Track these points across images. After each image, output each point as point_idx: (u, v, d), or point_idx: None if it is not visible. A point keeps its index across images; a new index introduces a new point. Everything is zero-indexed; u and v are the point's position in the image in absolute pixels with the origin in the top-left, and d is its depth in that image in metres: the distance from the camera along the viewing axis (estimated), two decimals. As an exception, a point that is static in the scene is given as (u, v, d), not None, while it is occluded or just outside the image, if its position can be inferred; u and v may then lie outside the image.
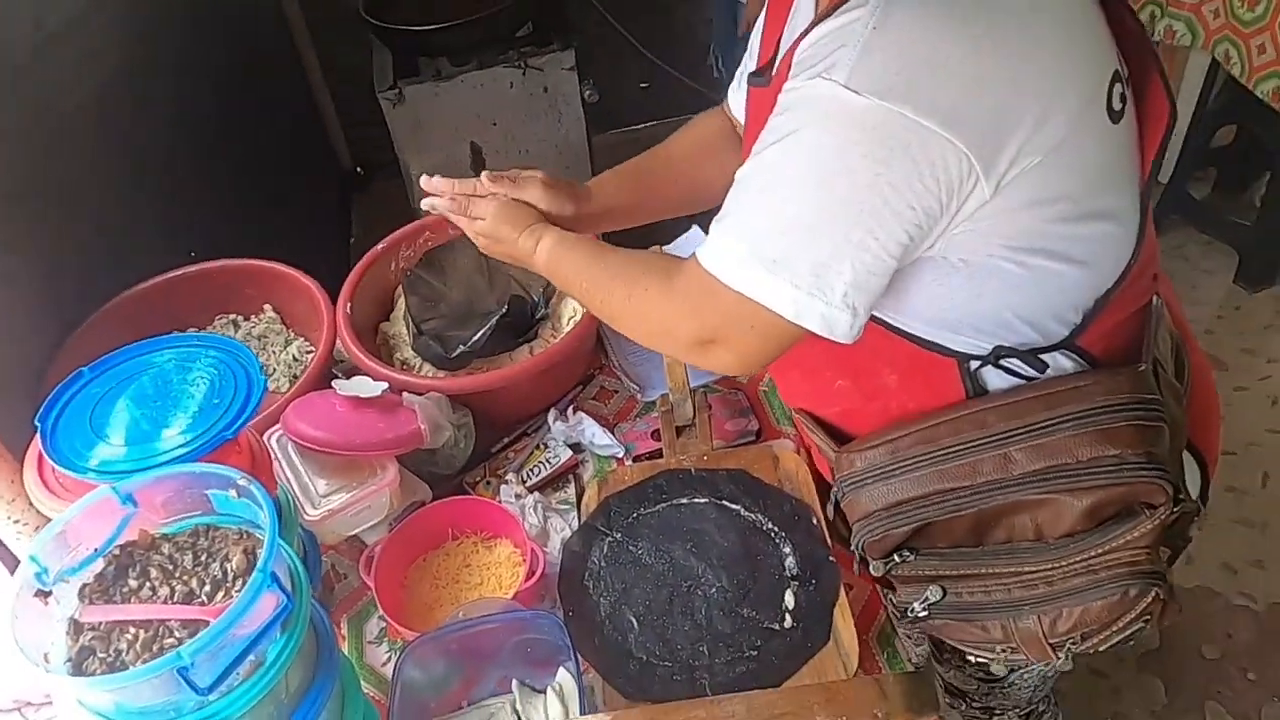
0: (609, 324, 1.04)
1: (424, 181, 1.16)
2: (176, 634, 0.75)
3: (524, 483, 1.28)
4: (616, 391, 1.43)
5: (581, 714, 0.99)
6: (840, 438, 1.02)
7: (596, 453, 1.32)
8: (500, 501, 1.24)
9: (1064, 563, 0.89)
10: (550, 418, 1.35)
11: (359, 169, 3.41)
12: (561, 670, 1.05)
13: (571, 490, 1.29)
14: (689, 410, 1.24)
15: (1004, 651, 0.97)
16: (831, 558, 1.09)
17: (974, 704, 1.41)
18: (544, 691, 1.05)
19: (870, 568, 0.98)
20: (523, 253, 1.08)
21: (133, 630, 0.76)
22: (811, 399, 1.07)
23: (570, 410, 1.36)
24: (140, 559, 0.81)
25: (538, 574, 1.11)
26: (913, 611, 0.98)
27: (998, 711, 1.40)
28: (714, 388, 1.39)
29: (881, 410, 0.97)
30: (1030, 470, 0.87)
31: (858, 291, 0.79)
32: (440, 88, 2.25)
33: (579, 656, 1.03)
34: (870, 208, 0.76)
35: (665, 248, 1.61)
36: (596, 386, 1.44)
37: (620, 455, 1.31)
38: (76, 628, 0.76)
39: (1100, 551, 0.88)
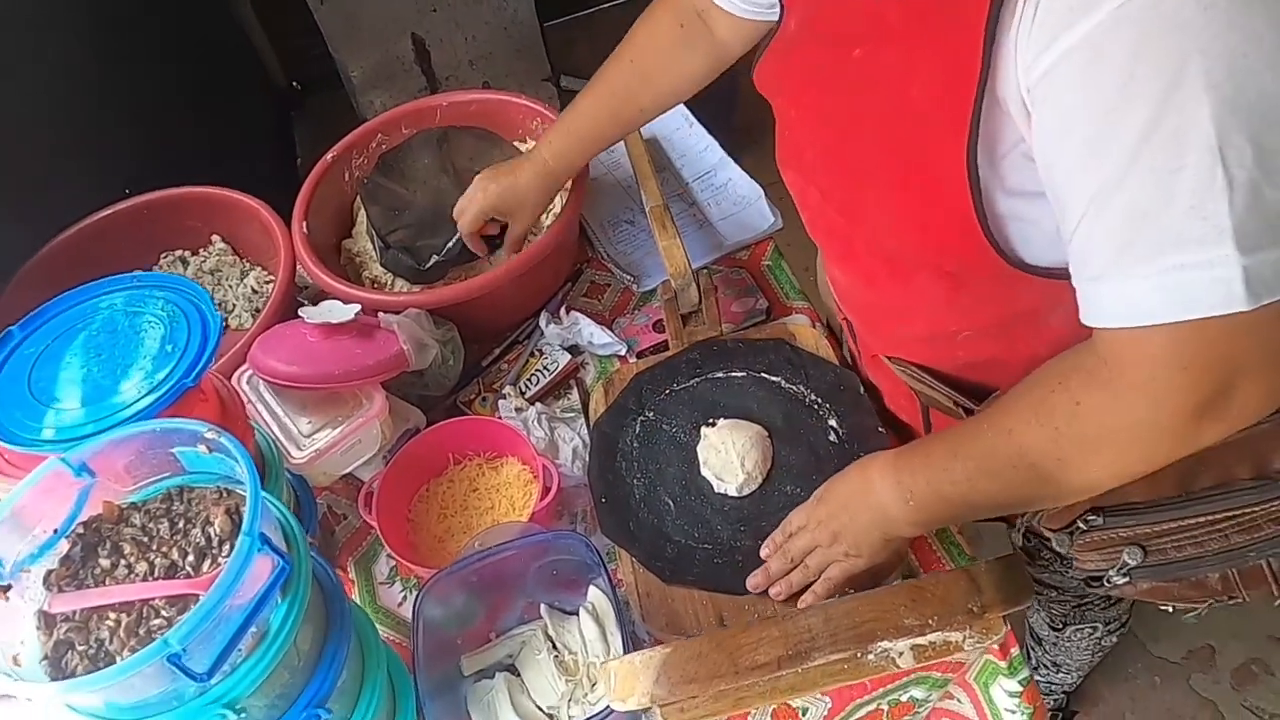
0: (1041, 498, 0.78)
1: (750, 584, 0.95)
2: (164, 613, 0.66)
3: (523, 394, 1.18)
4: (609, 285, 1.32)
5: (618, 630, 0.92)
6: (967, 390, 0.90)
7: (596, 353, 1.23)
8: (500, 418, 1.15)
9: None
10: (542, 321, 1.24)
11: (295, 84, 3.20)
12: (592, 589, 0.98)
13: (575, 396, 1.20)
14: (694, 295, 1.14)
15: (1220, 602, 0.86)
16: (881, 429, 1.00)
17: (1066, 599, 1.37)
18: (576, 613, 0.98)
19: (1054, 543, 0.85)
20: (864, 503, 0.86)
21: (113, 615, 0.66)
22: (925, 352, 0.94)
23: (562, 310, 1.26)
24: (109, 534, 0.71)
25: (553, 490, 1.02)
26: (1109, 581, 0.85)
27: (1090, 604, 1.37)
28: (715, 268, 1.28)
29: (1030, 358, 0.77)
30: None
31: None
32: (369, -25, 2.06)
33: (609, 570, 0.95)
34: None
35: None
36: (587, 282, 1.32)
37: (623, 353, 1.22)
38: (47, 621, 0.67)
39: None
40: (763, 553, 0.96)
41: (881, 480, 0.84)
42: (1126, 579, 0.85)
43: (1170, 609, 0.89)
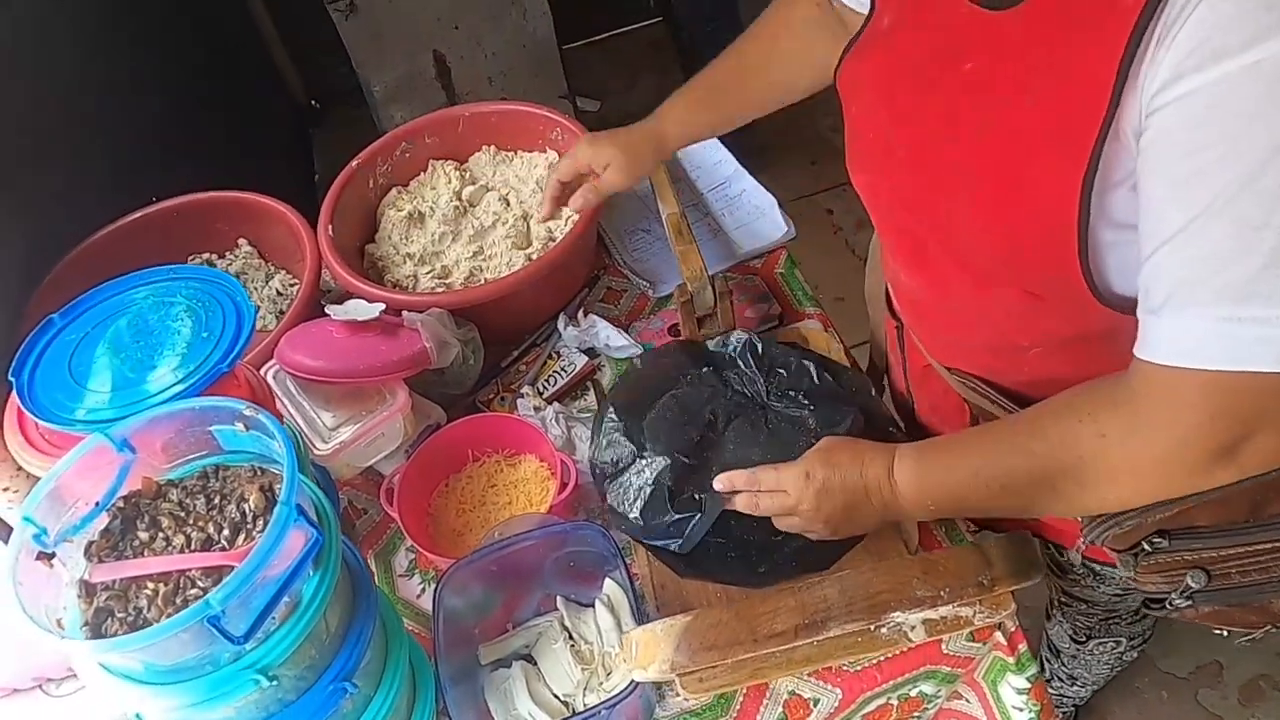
0: (1061, 513, 0.82)
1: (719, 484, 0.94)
2: (200, 584, 0.68)
3: (540, 394, 1.21)
4: (625, 290, 1.35)
5: (634, 622, 0.94)
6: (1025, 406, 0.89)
7: (613, 355, 1.25)
8: (519, 416, 1.17)
9: None
10: (560, 324, 1.27)
11: (314, 102, 3.25)
12: (608, 581, 1.00)
13: (591, 397, 1.22)
14: (709, 298, 1.17)
15: (1276, 629, 0.87)
16: (893, 429, 1.02)
17: (1094, 612, 1.36)
18: (591, 605, 1.00)
19: (1120, 564, 0.85)
20: (874, 501, 0.86)
21: (151, 585, 0.69)
22: (990, 364, 0.93)
23: (580, 314, 1.29)
24: (148, 509, 0.74)
25: (570, 485, 1.04)
26: (1171, 604, 0.85)
27: (1117, 618, 1.36)
28: (730, 275, 1.31)
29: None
30: None
31: None
32: (394, -8, 2.11)
33: (625, 563, 0.97)
34: None
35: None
36: (604, 288, 1.36)
37: (638, 356, 1.24)
38: (88, 589, 0.69)
39: None
40: (724, 484, 0.92)
41: (905, 488, 0.84)
42: (1189, 602, 0.85)
43: (1225, 633, 0.89)
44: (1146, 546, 0.82)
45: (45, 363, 0.86)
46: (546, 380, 1.23)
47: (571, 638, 0.98)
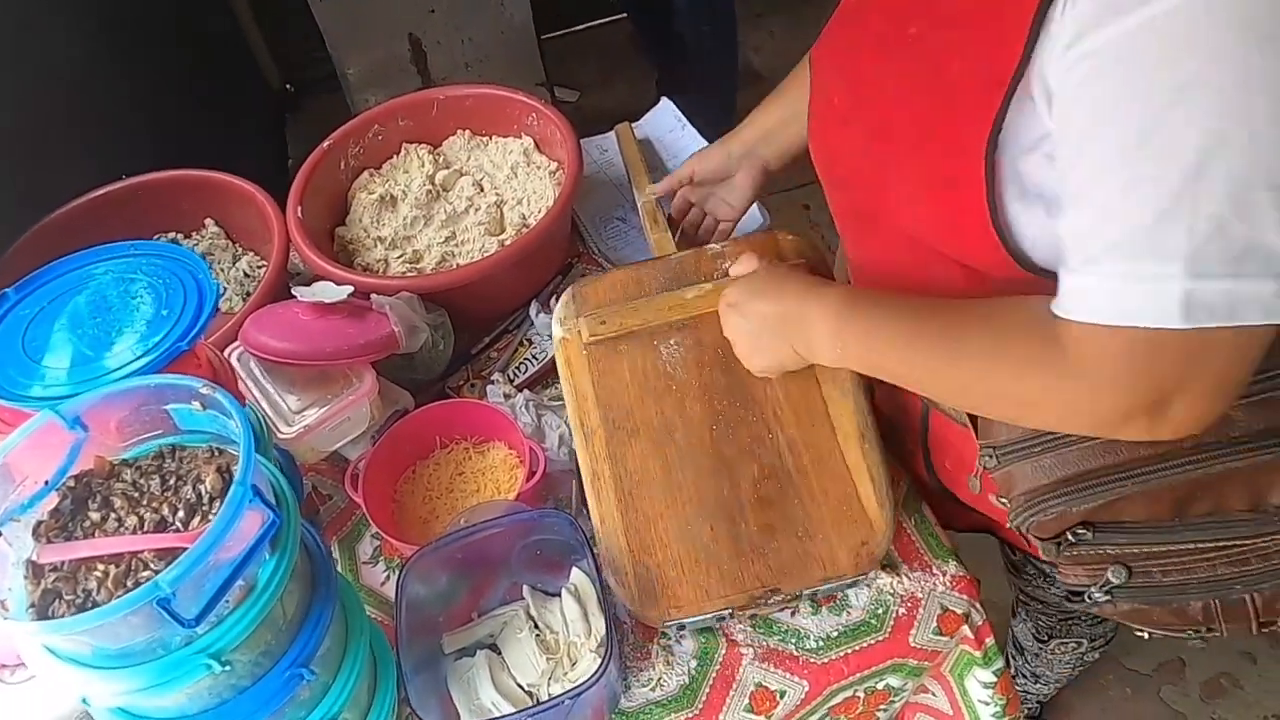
0: (959, 405, 0.88)
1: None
2: (152, 566, 0.66)
3: (511, 381, 1.20)
4: (599, 279, 1.33)
5: (601, 611, 0.93)
6: None
7: (585, 344, 1.24)
8: (489, 403, 1.16)
9: None
10: (532, 311, 1.26)
11: (288, 86, 3.21)
12: (575, 570, 0.98)
13: (562, 385, 1.21)
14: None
15: (1198, 632, 0.86)
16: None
17: (1051, 612, 1.39)
18: (558, 594, 0.98)
19: (1041, 551, 0.85)
20: (798, 336, 0.89)
21: (101, 567, 0.67)
22: None
23: (553, 302, 1.27)
24: (100, 489, 0.72)
25: (539, 473, 1.03)
26: (1090, 598, 0.85)
27: (1076, 619, 1.38)
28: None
29: None
30: (1254, 431, 0.75)
31: None
32: (370, -26, 2.08)
33: (593, 552, 0.96)
34: None
35: (635, 125, 1.50)
36: (577, 275, 1.34)
37: (611, 344, 1.23)
38: (36, 570, 0.67)
39: None
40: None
41: (821, 324, 0.86)
42: (1108, 598, 0.85)
43: (1146, 635, 0.88)
44: (1070, 537, 0.82)
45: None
46: (517, 367, 1.21)
47: (537, 627, 0.97)
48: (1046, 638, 1.46)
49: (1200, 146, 0.57)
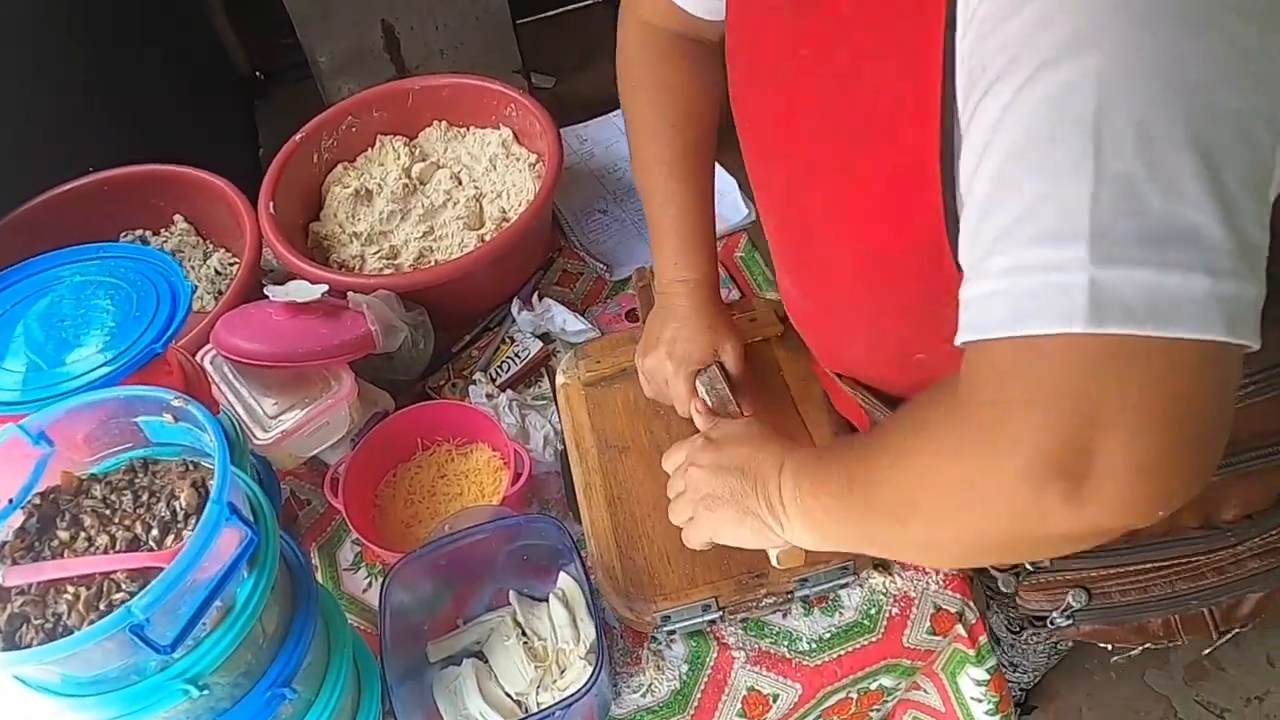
0: (897, 546, 0.69)
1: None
2: (125, 587, 0.63)
3: (493, 381, 1.17)
4: (582, 274, 1.31)
5: (590, 617, 0.91)
6: None
7: (569, 340, 1.21)
8: (471, 404, 1.13)
9: (1239, 547, 0.75)
10: (514, 308, 1.23)
11: (258, 73, 3.14)
12: (563, 574, 0.96)
13: (546, 385, 1.19)
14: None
15: (1159, 645, 0.85)
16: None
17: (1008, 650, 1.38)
18: (545, 599, 0.96)
19: (1000, 584, 0.83)
20: (766, 517, 0.74)
21: (71, 589, 0.64)
22: (872, 370, 0.85)
23: (535, 298, 1.24)
24: (68, 506, 0.69)
25: (524, 475, 1.01)
26: (1052, 622, 0.84)
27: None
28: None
29: None
30: None
31: (1254, 228, 0.46)
32: (341, -40, 2.03)
33: (581, 556, 0.94)
34: (1268, 75, 0.45)
35: (609, 117, 1.47)
36: (559, 270, 1.31)
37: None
38: (1, 594, 0.64)
39: None
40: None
41: (789, 486, 0.72)
42: (1070, 621, 0.84)
43: (1109, 648, 0.89)
44: (1028, 565, 0.80)
45: (-43, 345, 0.80)
46: (500, 366, 1.19)
47: (525, 634, 0.95)
48: (1019, 629, 1.46)
49: (1099, 84, 0.44)
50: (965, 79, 0.52)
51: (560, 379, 1.12)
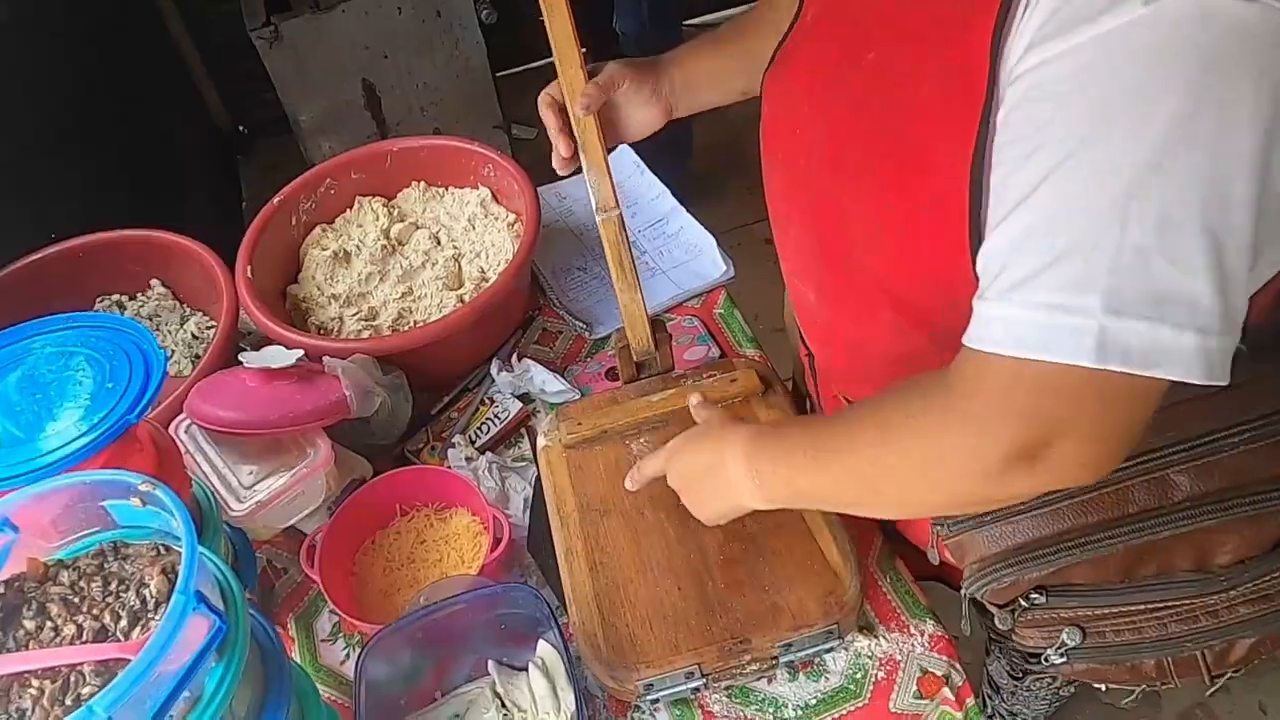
0: (865, 504, 0.78)
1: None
2: (92, 681, 0.62)
3: (473, 443, 1.16)
4: (561, 332, 1.31)
5: (570, 685, 0.89)
6: None
7: (549, 400, 1.21)
8: (450, 467, 1.12)
9: (1233, 592, 0.77)
10: (493, 369, 1.23)
11: (241, 128, 3.16)
12: (542, 643, 0.95)
13: (527, 445, 1.18)
14: (648, 342, 1.13)
15: (1153, 686, 0.87)
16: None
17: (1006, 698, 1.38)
18: (525, 669, 0.95)
19: (997, 620, 0.85)
20: (725, 480, 0.85)
21: (36, 683, 0.62)
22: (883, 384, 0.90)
23: (514, 358, 1.24)
24: (34, 594, 0.67)
25: (504, 541, 1.00)
26: (1047, 659, 0.86)
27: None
28: (668, 315, 1.28)
29: None
30: (1196, 495, 0.74)
31: (1240, 295, 0.56)
32: (320, 20, 2.06)
33: (560, 624, 0.93)
34: (1273, 174, 0.54)
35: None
36: (538, 330, 1.31)
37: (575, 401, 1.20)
38: (-37, 688, 0.62)
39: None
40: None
41: (734, 464, 0.83)
42: (1064, 659, 0.85)
43: (1104, 689, 0.89)
44: (1024, 602, 0.82)
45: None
46: (479, 428, 1.18)
47: (504, 705, 0.93)
48: (1021, 674, 1.45)
49: (1136, 169, 0.54)
50: (1009, 133, 0.60)
51: (541, 441, 1.11)
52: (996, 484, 0.64)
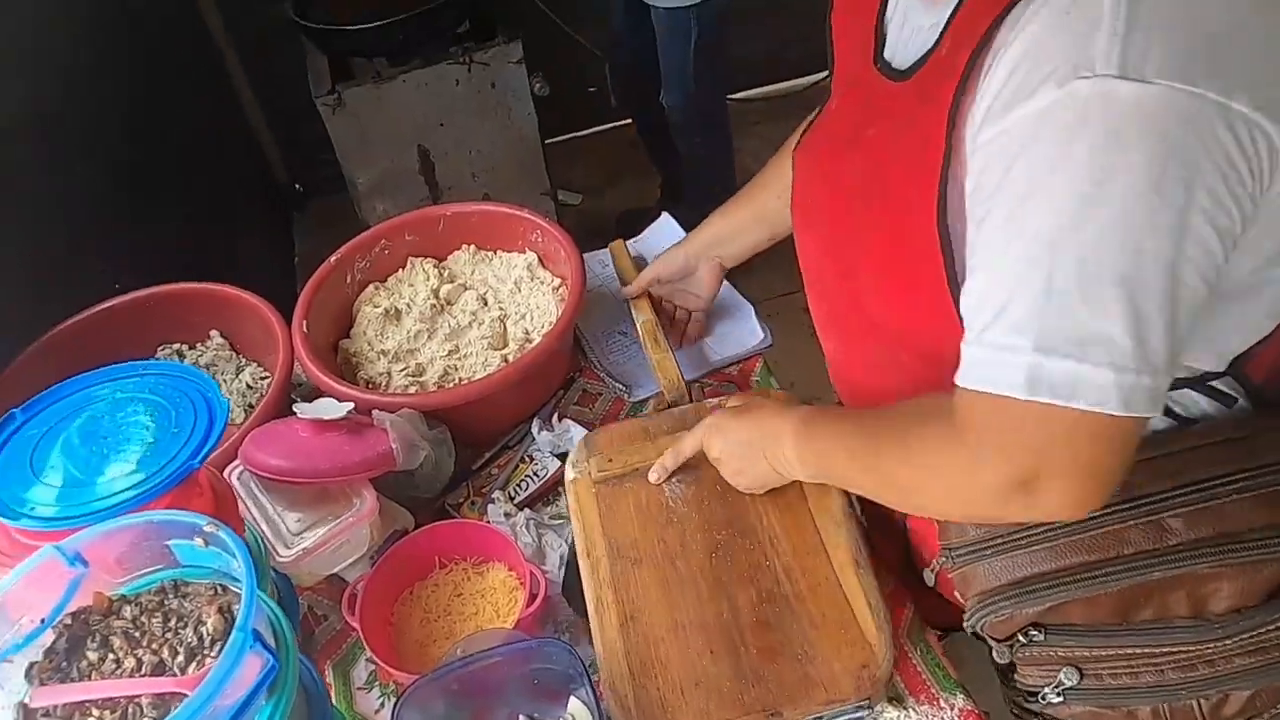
0: (895, 503, 0.92)
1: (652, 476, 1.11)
2: (148, 713, 0.65)
3: (512, 499, 1.19)
4: (600, 394, 1.34)
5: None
6: None
7: (587, 461, 1.24)
8: (489, 522, 1.15)
9: (1229, 641, 0.79)
10: (534, 428, 1.26)
11: (297, 186, 3.28)
12: (573, 699, 0.96)
13: (563, 503, 1.20)
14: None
15: None
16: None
17: None
18: (557, 725, 0.96)
19: (995, 654, 0.88)
20: (773, 456, 0.98)
21: (96, 712, 0.65)
22: None
23: (554, 418, 1.27)
24: (98, 627, 0.71)
25: (540, 597, 1.02)
26: (1044, 698, 0.88)
27: None
28: (705, 382, 1.31)
29: None
30: (1190, 540, 0.77)
31: (1178, 345, 0.65)
32: (381, 89, 2.15)
33: (592, 681, 0.94)
34: (1191, 233, 0.61)
35: (632, 242, 1.53)
36: (579, 390, 1.35)
37: (612, 461, 1.23)
38: (28, 714, 0.66)
39: (1277, 629, 0.78)
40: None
41: (785, 447, 0.96)
42: (1061, 699, 0.87)
43: None
44: (1022, 638, 0.85)
45: (3, 459, 0.83)
46: (519, 484, 1.21)
47: (535, 761, 0.94)
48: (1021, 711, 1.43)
49: (1059, 228, 0.63)
50: (975, 197, 0.71)
51: (570, 473, 1.13)
52: (1002, 508, 0.74)
